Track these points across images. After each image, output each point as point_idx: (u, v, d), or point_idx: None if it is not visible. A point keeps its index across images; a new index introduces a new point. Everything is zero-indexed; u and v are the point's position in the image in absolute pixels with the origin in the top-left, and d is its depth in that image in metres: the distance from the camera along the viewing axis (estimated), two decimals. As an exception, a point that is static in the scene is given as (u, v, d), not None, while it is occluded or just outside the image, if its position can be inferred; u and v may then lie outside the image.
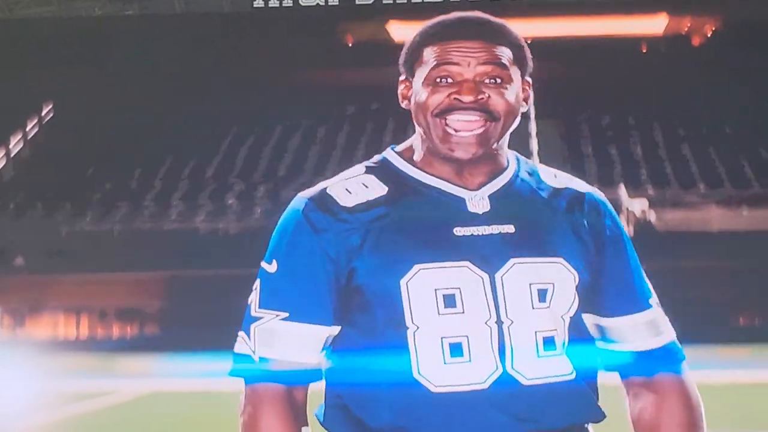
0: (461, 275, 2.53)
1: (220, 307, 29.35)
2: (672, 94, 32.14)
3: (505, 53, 2.45)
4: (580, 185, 2.64)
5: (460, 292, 2.55)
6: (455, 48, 2.40)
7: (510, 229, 2.56)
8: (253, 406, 2.42)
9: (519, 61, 2.48)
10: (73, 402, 15.71)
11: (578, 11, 29.37)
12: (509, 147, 2.53)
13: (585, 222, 2.60)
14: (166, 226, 33.44)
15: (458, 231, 2.53)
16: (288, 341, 2.46)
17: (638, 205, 30.24)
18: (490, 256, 2.53)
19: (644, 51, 17.46)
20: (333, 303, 2.48)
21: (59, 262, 29.78)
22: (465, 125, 2.38)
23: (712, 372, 14.94)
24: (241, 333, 2.47)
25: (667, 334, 2.60)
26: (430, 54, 2.46)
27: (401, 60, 2.56)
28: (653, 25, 17.22)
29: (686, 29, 16.96)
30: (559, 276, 2.56)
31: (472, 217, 2.54)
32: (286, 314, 2.47)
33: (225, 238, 32.63)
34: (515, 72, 2.48)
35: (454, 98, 2.39)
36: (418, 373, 2.45)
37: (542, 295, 2.55)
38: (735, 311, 29.42)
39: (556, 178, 2.64)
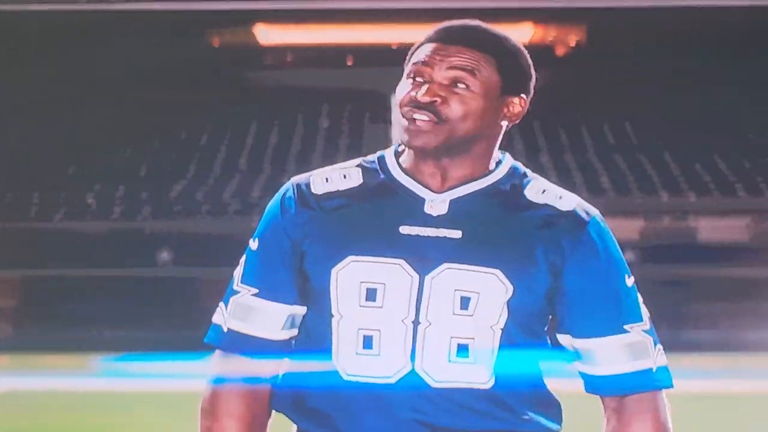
0: (391, 272, 2.65)
1: (75, 307, 29.04)
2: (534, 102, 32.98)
3: (486, 62, 2.53)
4: (565, 204, 2.68)
5: (384, 288, 2.67)
6: (435, 50, 2.50)
7: (456, 234, 2.66)
8: (213, 385, 2.61)
9: (506, 72, 2.55)
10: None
11: (442, 18, 29.83)
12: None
13: (557, 241, 2.65)
14: (23, 225, 32.95)
15: (404, 230, 2.65)
16: (256, 316, 2.63)
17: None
18: (426, 257, 2.65)
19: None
20: (295, 283, 2.64)
21: None
22: (417, 123, 2.48)
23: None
24: (221, 304, 2.64)
25: (646, 361, 2.60)
26: (418, 54, 2.59)
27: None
28: (519, 34, 17.92)
29: (551, 39, 17.42)
30: (489, 287, 2.65)
31: (425, 218, 2.65)
32: (257, 290, 2.65)
33: (82, 237, 32.25)
34: (491, 82, 2.55)
35: (413, 96, 2.50)
36: (336, 360, 2.61)
37: (465, 302, 2.65)
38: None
39: (543, 193, 2.69)
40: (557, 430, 2.59)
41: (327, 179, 2.70)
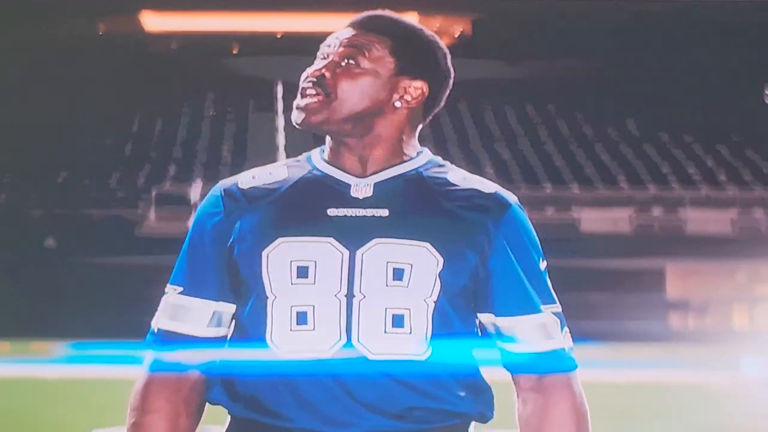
0: (320, 249, 2.74)
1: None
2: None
3: (380, 42, 2.64)
4: (487, 187, 2.80)
5: (315, 265, 2.76)
6: (338, 34, 2.67)
7: (384, 213, 2.77)
8: (140, 381, 2.67)
9: (399, 53, 2.66)
10: None
11: (327, 8, 29.70)
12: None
13: (483, 222, 2.75)
14: None
15: (331, 212, 2.76)
16: (182, 314, 2.72)
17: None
18: (355, 235, 2.74)
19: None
20: (219, 279, 2.72)
21: None
22: (307, 98, 2.61)
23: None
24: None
25: (560, 341, 2.70)
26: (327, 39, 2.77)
27: None
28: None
29: (435, 29, 17.60)
30: (420, 258, 2.73)
31: (352, 201, 2.77)
32: (182, 288, 2.73)
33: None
34: (384, 62, 2.66)
35: (308, 72, 2.65)
36: (271, 339, 2.67)
37: (398, 273, 2.73)
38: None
39: (465, 179, 2.81)
40: (490, 418, 2.64)
41: (253, 177, 2.81)
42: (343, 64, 2.59)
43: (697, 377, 19.67)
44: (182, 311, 2.79)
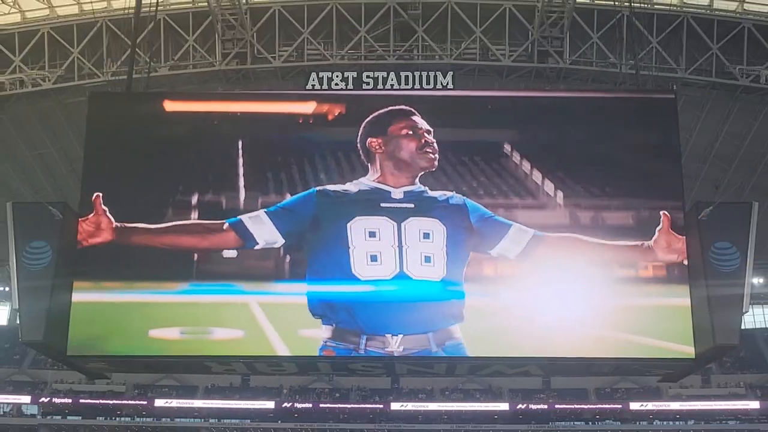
0: (380, 222, 21.29)
1: None
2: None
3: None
4: (454, 196, 22.03)
5: (379, 231, 21.22)
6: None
7: (411, 205, 21.28)
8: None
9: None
10: None
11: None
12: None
13: (458, 207, 21.53)
14: None
15: (383, 205, 21.43)
16: (257, 223, 21.86)
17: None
18: (398, 215, 21.05)
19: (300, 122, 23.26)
20: (294, 227, 22.10)
21: None
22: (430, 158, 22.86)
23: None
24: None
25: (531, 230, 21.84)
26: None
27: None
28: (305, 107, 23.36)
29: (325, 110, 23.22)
30: (435, 227, 21.40)
31: (391, 200, 21.24)
32: (273, 212, 21.91)
33: None
34: None
35: (422, 141, 23.07)
36: (354, 270, 20.99)
37: (426, 235, 21.11)
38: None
39: (444, 193, 22.05)
40: (462, 320, 21.82)
41: (334, 186, 22.35)
42: None
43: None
44: (259, 222, 20.55)
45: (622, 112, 24.21)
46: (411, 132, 22.60)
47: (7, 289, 70.90)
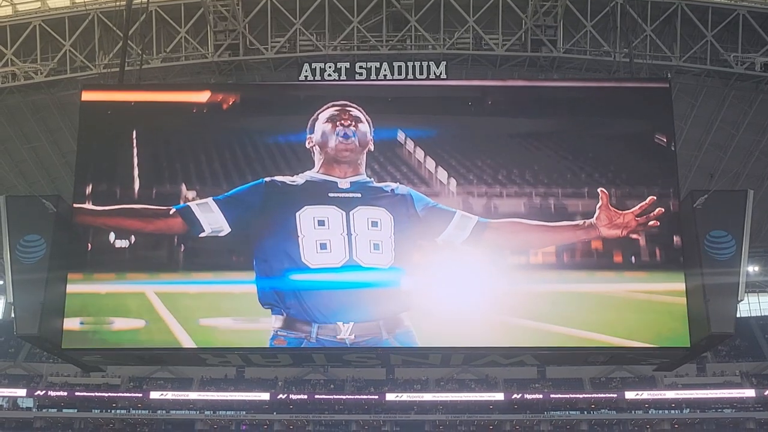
0: (330, 211, 21.91)
1: None
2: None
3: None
4: (399, 186, 22.51)
5: (328, 220, 21.79)
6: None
7: (358, 195, 22.05)
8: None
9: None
10: None
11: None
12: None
13: (403, 197, 22.23)
14: None
15: (331, 194, 21.99)
16: (205, 210, 22.11)
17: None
18: (347, 204, 21.87)
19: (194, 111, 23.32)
20: (241, 214, 22.25)
21: None
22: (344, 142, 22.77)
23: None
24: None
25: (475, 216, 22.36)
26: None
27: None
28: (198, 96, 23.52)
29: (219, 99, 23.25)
30: (382, 216, 21.98)
31: (340, 189, 22.06)
32: (221, 201, 22.10)
33: None
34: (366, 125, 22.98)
35: (340, 124, 22.77)
36: (304, 258, 21.59)
37: (374, 223, 21.84)
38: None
39: (388, 183, 22.51)
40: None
41: (282, 177, 22.47)
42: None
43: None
44: (207, 209, 21.84)
45: (616, 101, 24.16)
46: (330, 123, 22.69)
47: (1, 282, 70.75)
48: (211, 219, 22.23)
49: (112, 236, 22.99)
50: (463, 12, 51.48)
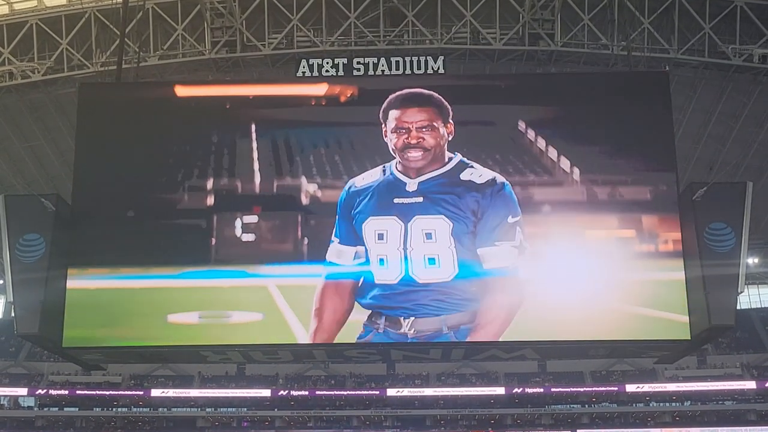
0: (390, 222, 21.18)
1: None
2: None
3: (430, 112, 21.54)
4: (480, 179, 21.48)
5: (387, 232, 21.22)
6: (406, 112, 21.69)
7: (420, 200, 21.02)
8: (319, 286, 22.04)
9: (440, 113, 21.69)
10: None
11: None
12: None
13: (474, 199, 21.08)
14: None
15: (396, 200, 21.25)
16: (340, 254, 21.46)
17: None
18: (407, 213, 21.04)
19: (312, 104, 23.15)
20: (353, 234, 21.15)
21: None
22: (413, 157, 21.65)
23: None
24: None
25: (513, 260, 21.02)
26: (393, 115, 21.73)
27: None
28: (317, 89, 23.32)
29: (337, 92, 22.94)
30: (439, 225, 20.99)
31: (407, 193, 21.16)
32: (339, 240, 21.49)
33: None
34: (438, 120, 21.50)
35: (405, 141, 21.66)
36: (372, 271, 21.09)
37: (428, 235, 20.98)
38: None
39: (471, 175, 21.57)
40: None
41: (363, 177, 21.88)
42: (424, 129, 21.69)
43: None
44: (342, 253, 21.29)
45: (614, 93, 24.12)
46: (396, 127, 22.04)
47: (1, 282, 70.73)
48: (347, 253, 22.03)
49: (238, 230, 23.11)
50: (460, 6, 51.41)
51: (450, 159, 22.02)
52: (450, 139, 22.01)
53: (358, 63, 24.16)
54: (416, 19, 51.77)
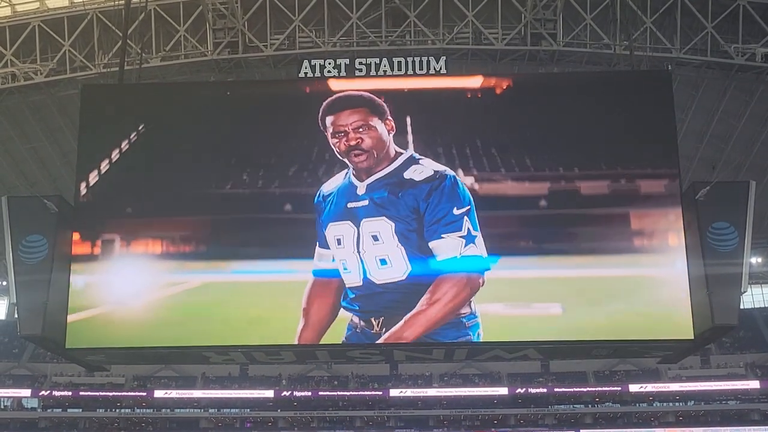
0: (344, 227, 20.91)
1: None
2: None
3: (363, 111, 21.23)
4: (420, 176, 20.87)
5: (343, 237, 20.99)
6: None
7: (366, 203, 20.50)
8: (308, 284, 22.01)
9: (374, 111, 21.24)
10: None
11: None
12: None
13: (412, 196, 20.66)
14: None
15: (349, 204, 20.94)
16: (318, 257, 21.90)
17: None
18: (357, 217, 20.67)
19: (468, 96, 22.96)
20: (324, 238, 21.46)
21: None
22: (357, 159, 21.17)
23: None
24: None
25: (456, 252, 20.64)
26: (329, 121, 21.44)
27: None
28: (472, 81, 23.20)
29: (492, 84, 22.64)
30: (382, 227, 20.65)
31: (357, 196, 20.80)
32: (318, 243, 21.79)
33: None
34: (373, 118, 21.03)
35: (345, 143, 21.33)
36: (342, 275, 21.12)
37: (374, 237, 20.69)
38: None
39: (413, 173, 21.09)
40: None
41: (329, 183, 21.63)
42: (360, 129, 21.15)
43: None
44: (321, 255, 21.08)
45: (616, 93, 24.12)
46: (334, 132, 21.80)
47: (4, 283, 70.80)
48: (326, 256, 21.95)
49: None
50: (462, 7, 51.44)
51: (398, 156, 21.79)
52: (392, 135, 21.80)
53: (360, 64, 24.11)
54: (418, 19, 51.80)
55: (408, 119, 23.19)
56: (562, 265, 22.58)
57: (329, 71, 24.01)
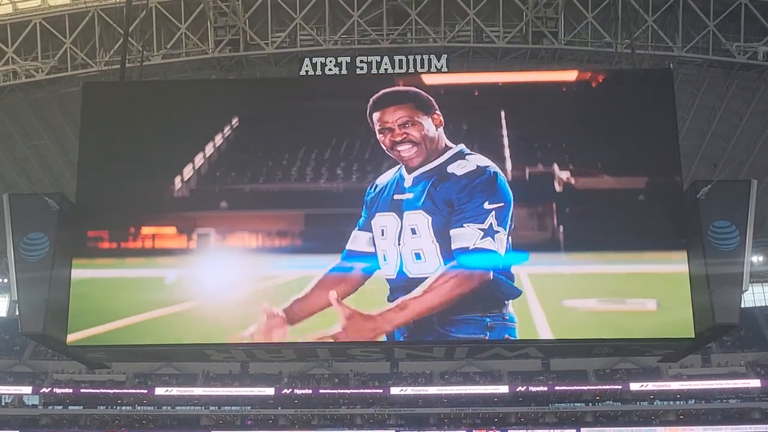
0: (389, 219, 21.43)
1: None
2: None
3: (408, 107, 21.53)
4: (464, 170, 21.21)
5: (386, 228, 21.46)
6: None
7: (410, 196, 21.17)
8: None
9: (420, 106, 21.51)
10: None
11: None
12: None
13: (450, 190, 20.84)
14: None
15: (396, 196, 21.53)
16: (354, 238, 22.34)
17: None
18: (401, 209, 21.25)
19: (564, 90, 22.93)
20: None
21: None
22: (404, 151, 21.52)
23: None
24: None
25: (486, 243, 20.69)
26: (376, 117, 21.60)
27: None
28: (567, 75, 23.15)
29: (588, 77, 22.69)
30: (419, 220, 21.10)
31: (404, 189, 21.31)
32: (357, 227, 22.25)
33: None
34: (419, 114, 21.39)
35: (391, 139, 21.53)
36: (378, 267, 21.54)
37: (413, 230, 21.17)
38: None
39: (456, 167, 21.22)
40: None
41: (383, 176, 21.99)
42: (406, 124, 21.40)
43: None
44: (355, 237, 21.46)
45: (618, 91, 24.12)
46: (381, 129, 22.02)
47: (6, 280, 70.81)
48: (361, 238, 22.27)
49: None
50: (463, 5, 51.40)
51: (446, 150, 21.90)
52: (441, 129, 21.85)
53: (362, 62, 24.14)
54: (419, 17, 51.75)
55: (502, 113, 23.25)
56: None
57: (330, 69, 24.04)
